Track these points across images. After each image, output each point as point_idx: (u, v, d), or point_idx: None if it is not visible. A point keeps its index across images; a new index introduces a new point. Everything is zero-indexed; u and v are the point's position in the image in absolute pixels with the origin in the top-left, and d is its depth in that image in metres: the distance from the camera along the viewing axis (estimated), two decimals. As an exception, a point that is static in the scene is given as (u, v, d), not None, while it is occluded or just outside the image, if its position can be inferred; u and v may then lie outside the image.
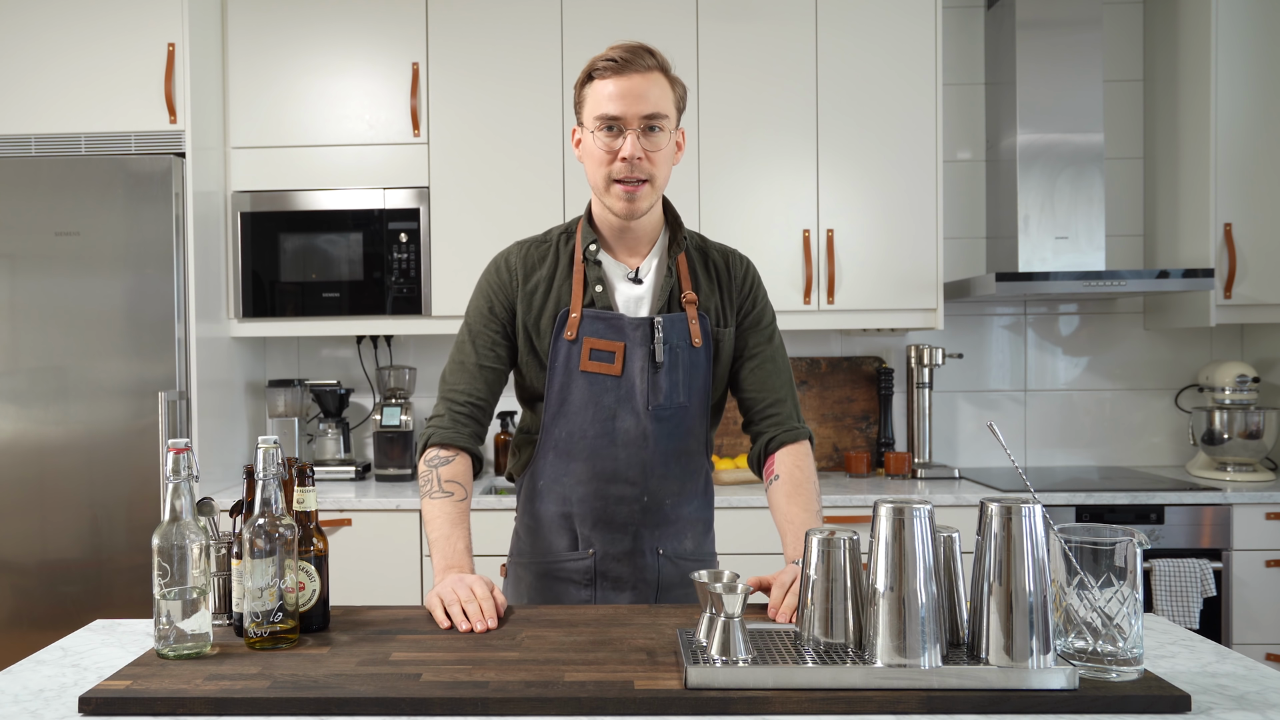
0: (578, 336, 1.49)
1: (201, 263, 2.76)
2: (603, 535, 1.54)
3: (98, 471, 2.66)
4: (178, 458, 1.25)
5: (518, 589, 1.62)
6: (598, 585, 1.55)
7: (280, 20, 2.93)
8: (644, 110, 1.42)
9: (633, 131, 1.42)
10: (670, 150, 1.48)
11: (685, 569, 1.58)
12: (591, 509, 1.53)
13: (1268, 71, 2.86)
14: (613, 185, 1.45)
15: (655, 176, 1.46)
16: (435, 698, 1.08)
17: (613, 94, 1.42)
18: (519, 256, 1.56)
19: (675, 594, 1.58)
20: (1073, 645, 1.13)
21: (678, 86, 1.49)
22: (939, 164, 2.88)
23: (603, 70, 1.43)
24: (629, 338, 1.49)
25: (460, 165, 2.91)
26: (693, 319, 1.52)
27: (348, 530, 2.66)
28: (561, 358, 1.50)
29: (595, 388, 1.50)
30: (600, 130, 1.44)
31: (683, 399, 1.52)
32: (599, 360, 1.49)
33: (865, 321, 2.92)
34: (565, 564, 1.56)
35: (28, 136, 2.73)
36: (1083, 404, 3.27)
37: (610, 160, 1.44)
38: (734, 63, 2.90)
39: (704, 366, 1.54)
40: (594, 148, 1.46)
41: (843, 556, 1.19)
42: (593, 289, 1.51)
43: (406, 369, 3.15)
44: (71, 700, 1.13)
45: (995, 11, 3.16)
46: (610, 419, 1.50)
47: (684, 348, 1.51)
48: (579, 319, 1.49)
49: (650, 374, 1.49)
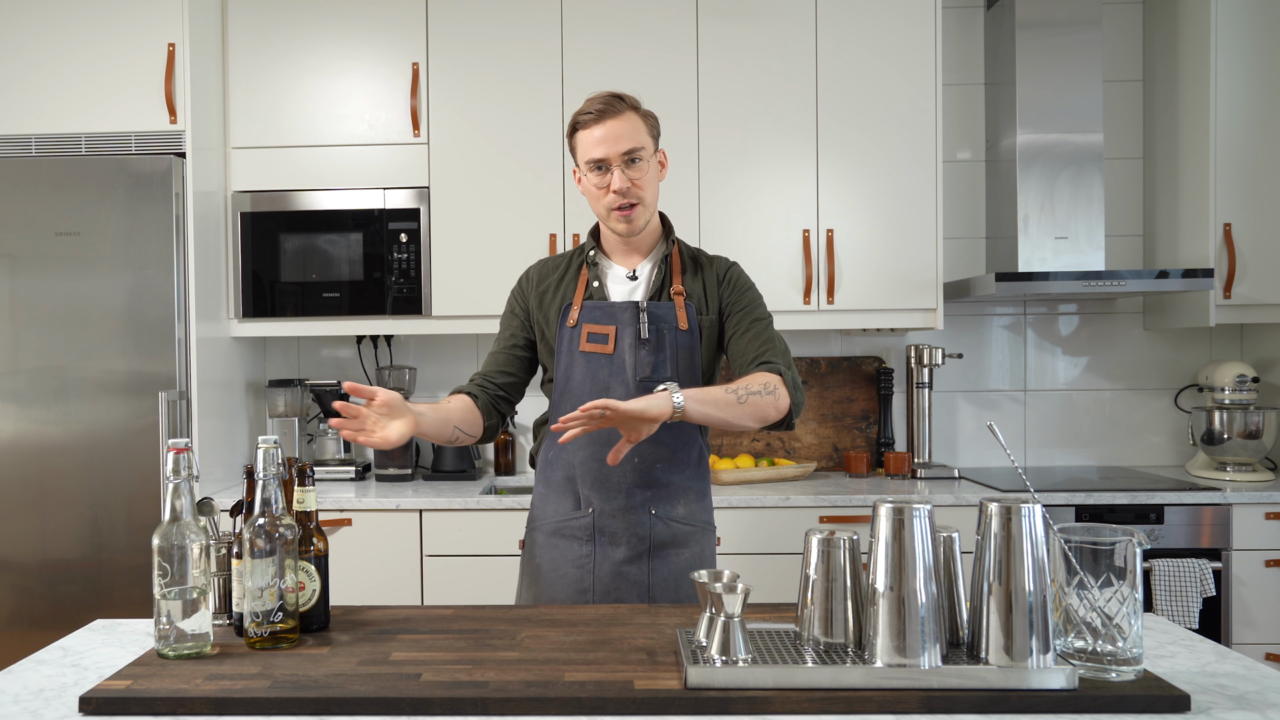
0: (578, 323, 1.74)
1: (201, 263, 2.76)
2: (599, 494, 1.73)
3: (98, 471, 2.66)
4: (178, 458, 1.25)
5: (531, 550, 1.81)
6: (596, 540, 1.73)
7: (280, 20, 2.93)
8: (624, 148, 1.67)
9: (618, 168, 1.67)
10: (654, 173, 1.74)
11: (678, 531, 1.75)
12: (589, 470, 1.72)
13: (1268, 71, 2.86)
14: (612, 213, 1.71)
15: (644, 198, 1.71)
16: (435, 698, 1.09)
17: (597, 140, 1.68)
18: (537, 268, 1.85)
19: (666, 551, 1.74)
20: (1072, 645, 1.13)
21: (649, 119, 1.74)
22: (939, 164, 2.88)
23: (585, 121, 1.69)
24: (619, 320, 1.72)
25: (460, 165, 2.91)
26: (680, 306, 1.74)
27: (348, 530, 2.66)
28: (565, 342, 1.75)
29: (592, 365, 1.72)
30: (592, 171, 1.71)
31: (670, 374, 1.71)
32: (595, 342, 1.72)
33: (865, 321, 2.92)
34: (570, 522, 1.75)
35: (28, 136, 2.73)
36: (1082, 404, 3.27)
37: (605, 194, 1.70)
38: (734, 63, 2.90)
39: (691, 347, 1.74)
40: (590, 186, 1.73)
41: (843, 556, 1.19)
42: (591, 285, 1.77)
43: (406, 369, 3.15)
44: (72, 700, 1.13)
45: (995, 11, 3.16)
46: (604, 390, 1.70)
47: (671, 329, 1.72)
48: (579, 309, 1.74)
49: (638, 350, 1.70)
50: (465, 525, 2.65)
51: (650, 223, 1.76)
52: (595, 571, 1.71)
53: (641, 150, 1.68)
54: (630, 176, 1.68)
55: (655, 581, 1.71)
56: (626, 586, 1.70)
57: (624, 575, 1.70)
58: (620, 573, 1.70)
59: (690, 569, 1.74)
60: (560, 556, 1.74)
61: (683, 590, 1.73)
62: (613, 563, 1.71)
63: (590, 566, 1.72)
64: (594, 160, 1.68)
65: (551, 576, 1.74)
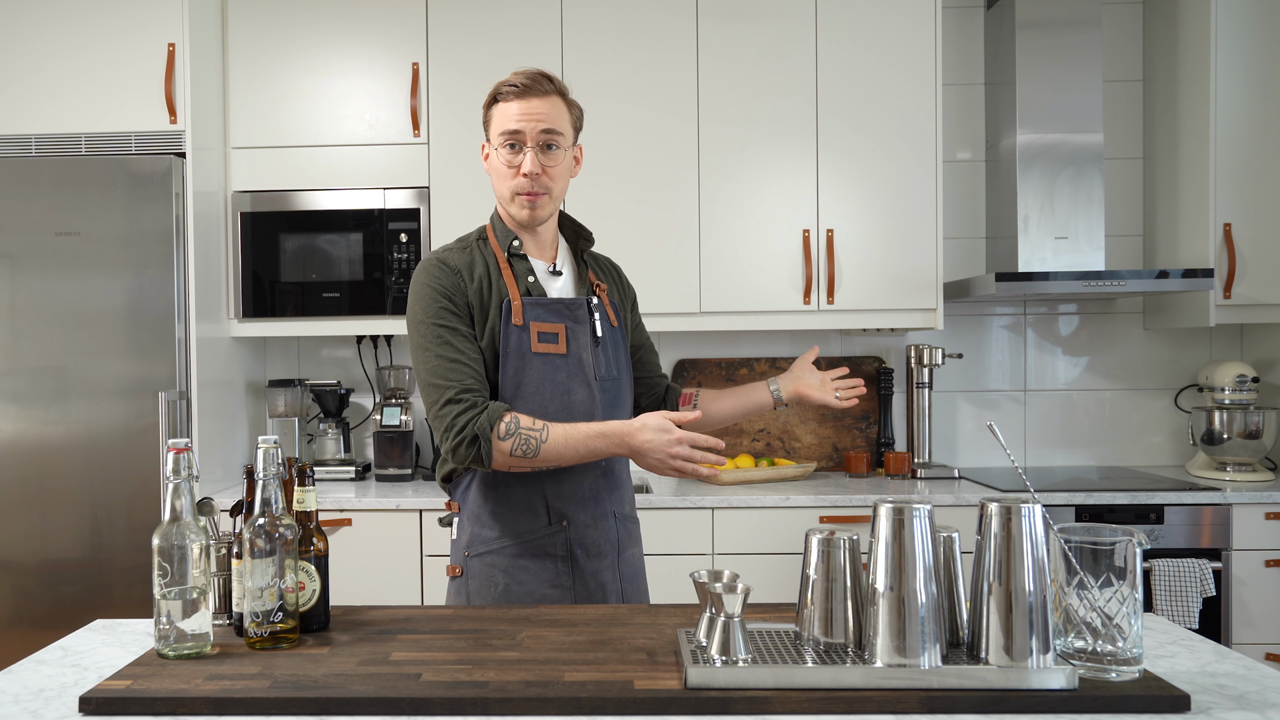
0: (525, 322, 1.60)
1: (201, 263, 2.76)
2: (573, 505, 1.62)
3: (98, 471, 2.66)
4: (178, 458, 1.25)
5: (490, 577, 1.61)
6: (574, 554, 1.62)
7: (280, 20, 2.93)
8: (541, 127, 1.58)
9: (532, 149, 1.58)
10: (567, 165, 1.65)
11: (630, 529, 1.72)
12: (561, 480, 1.61)
13: (1268, 71, 2.86)
14: (516, 196, 1.61)
15: (553, 189, 1.62)
16: (435, 698, 1.09)
17: (515, 114, 1.59)
18: (455, 258, 1.63)
19: (626, 551, 1.69)
20: (1072, 645, 1.13)
21: (574, 109, 1.67)
22: (939, 164, 2.88)
23: (506, 94, 1.60)
24: (566, 318, 1.63)
25: (460, 165, 2.91)
26: (607, 305, 1.71)
27: (348, 530, 2.66)
28: (513, 343, 1.59)
29: (548, 366, 1.60)
30: (503, 147, 1.60)
31: (617, 373, 1.69)
32: (546, 342, 1.60)
33: (865, 321, 2.92)
34: (541, 539, 1.61)
35: (28, 136, 2.73)
36: (1082, 404, 3.27)
37: (513, 175, 1.60)
38: (734, 63, 2.90)
39: (623, 345, 1.74)
40: (498, 163, 1.62)
41: (843, 556, 1.19)
42: (525, 279, 1.64)
43: (406, 369, 3.15)
44: (72, 700, 1.13)
45: (995, 11, 3.16)
46: (565, 394, 1.60)
47: (608, 328, 1.69)
48: (521, 306, 1.60)
49: (593, 349, 1.64)
50: (465, 525, 2.65)
51: (553, 216, 1.68)
52: (575, 588, 1.61)
53: (560, 137, 1.60)
54: (543, 162, 1.59)
55: (625, 586, 1.67)
56: (602, 595, 1.63)
57: (603, 585, 1.63)
58: (600, 583, 1.63)
59: (639, 562, 1.73)
60: (532, 579, 1.60)
61: (640, 584, 1.72)
62: (591, 574, 1.62)
63: (569, 584, 1.61)
64: (509, 132, 1.58)
65: (525, 603, 1.59)
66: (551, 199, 1.63)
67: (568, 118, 1.63)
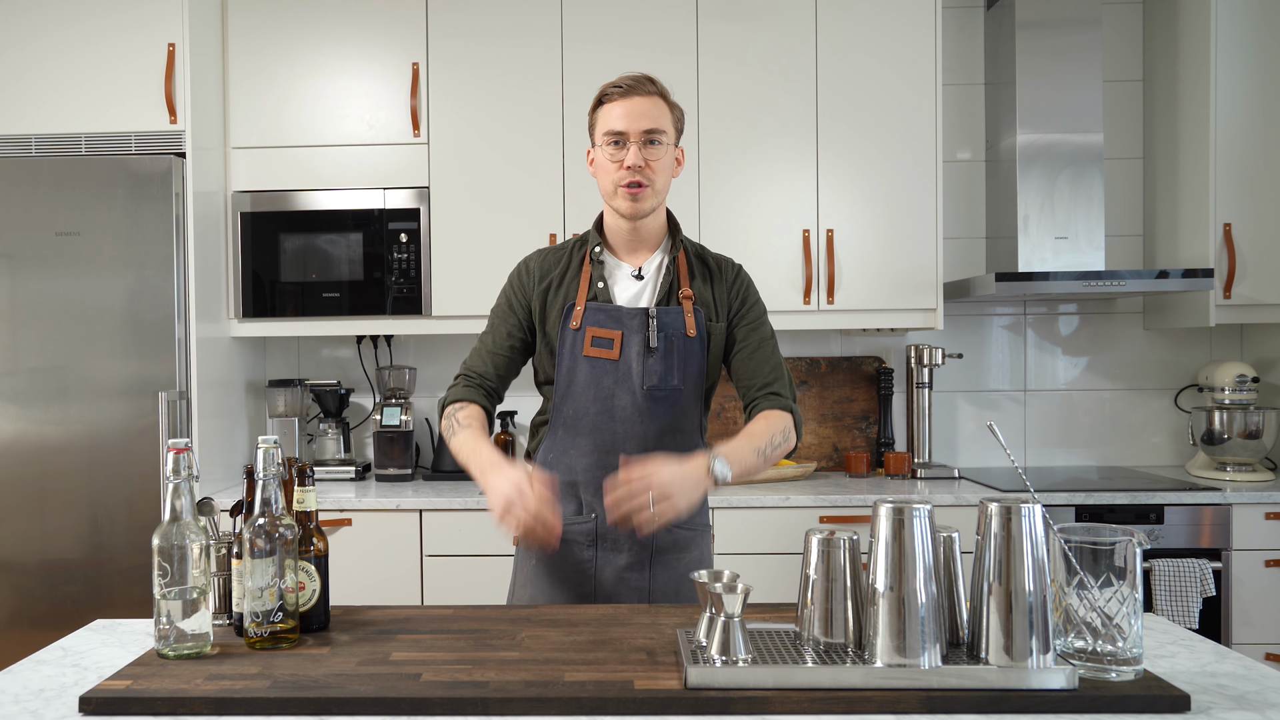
0: (581, 326, 1.68)
1: (201, 263, 2.76)
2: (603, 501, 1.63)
3: (98, 471, 2.66)
4: (178, 458, 1.25)
5: (528, 553, 1.75)
6: (599, 546, 1.70)
7: (280, 20, 2.93)
8: (645, 125, 1.63)
9: (635, 145, 1.63)
10: (669, 162, 1.69)
11: (679, 536, 1.73)
12: (593, 477, 1.68)
13: (1267, 71, 2.86)
14: (620, 189, 1.65)
15: (655, 182, 1.66)
16: (435, 698, 1.09)
17: (619, 114, 1.64)
18: (538, 261, 1.77)
19: (668, 557, 1.72)
20: (1072, 645, 1.13)
21: (676, 110, 1.70)
22: (939, 164, 2.88)
23: (611, 95, 1.66)
24: (626, 326, 1.67)
25: (460, 165, 2.91)
26: (688, 312, 1.70)
27: (348, 530, 2.66)
28: (568, 345, 1.69)
29: (596, 370, 1.67)
30: (608, 144, 1.66)
31: (677, 382, 1.68)
32: (599, 347, 1.67)
33: (865, 321, 2.92)
34: (571, 527, 1.70)
35: (28, 136, 2.73)
36: (1082, 404, 3.27)
37: (617, 169, 1.65)
38: (734, 63, 2.90)
39: (698, 355, 1.70)
40: (603, 160, 1.68)
41: (842, 556, 1.19)
42: (596, 285, 1.71)
43: (406, 369, 3.15)
44: (72, 700, 1.13)
45: (995, 11, 3.16)
46: (609, 398, 1.67)
47: (679, 337, 1.68)
48: (582, 311, 1.69)
49: (645, 358, 1.66)
50: (465, 525, 2.65)
51: (657, 215, 1.71)
52: (597, 577, 1.69)
53: (662, 134, 1.65)
54: (646, 156, 1.63)
55: (656, 587, 1.70)
56: (628, 593, 1.69)
57: (626, 581, 1.69)
58: (622, 578, 1.68)
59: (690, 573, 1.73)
60: (561, 560, 1.70)
61: (683, 595, 1.72)
62: (615, 569, 1.69)
63: (592, 572, 1.69)
64: (613, 132, 1.64)
65: (551, 580, 1.71)
66: (654, 192, 1.66)
67: (670, 118, 1.68)
